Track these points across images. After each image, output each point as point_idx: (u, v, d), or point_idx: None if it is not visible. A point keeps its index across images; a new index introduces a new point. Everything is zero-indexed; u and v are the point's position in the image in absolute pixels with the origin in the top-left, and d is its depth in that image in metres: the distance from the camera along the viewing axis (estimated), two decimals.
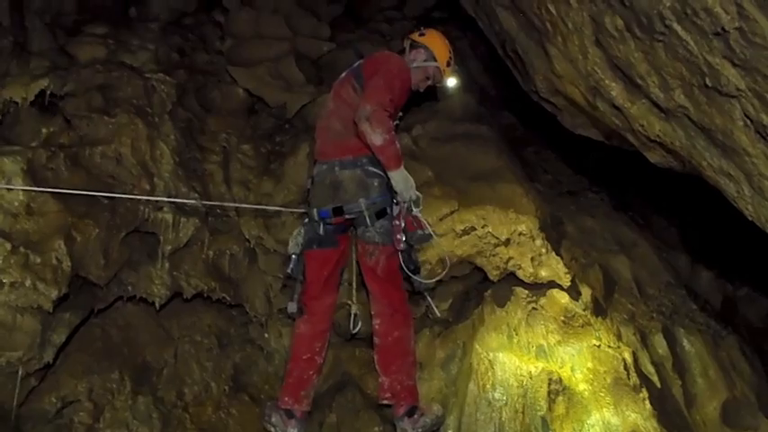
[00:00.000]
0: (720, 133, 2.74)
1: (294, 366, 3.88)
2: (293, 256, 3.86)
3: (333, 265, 3.90)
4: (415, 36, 4.14)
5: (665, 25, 2.59)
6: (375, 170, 3.66)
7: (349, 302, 4.09)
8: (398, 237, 3.58)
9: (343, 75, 4.03)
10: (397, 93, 3.70)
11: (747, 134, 2.59)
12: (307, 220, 3.90)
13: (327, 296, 3.94)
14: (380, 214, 3.62)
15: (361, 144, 3.66)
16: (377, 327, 3.77)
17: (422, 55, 4.06)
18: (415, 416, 3.67)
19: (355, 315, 4.00)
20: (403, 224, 3.59)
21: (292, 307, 3.84)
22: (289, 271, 3.88)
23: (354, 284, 4.06)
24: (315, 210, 3.74)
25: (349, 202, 3.62)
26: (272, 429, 3.86)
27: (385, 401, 3.73)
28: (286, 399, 3.81)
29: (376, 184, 3.64)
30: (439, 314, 3.95)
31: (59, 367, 4.09)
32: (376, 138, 3.48)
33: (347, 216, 3.66)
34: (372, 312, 3.81)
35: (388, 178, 3.66)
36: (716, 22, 2.28)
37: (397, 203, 3.66)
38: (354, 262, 4.03)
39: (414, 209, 3.64)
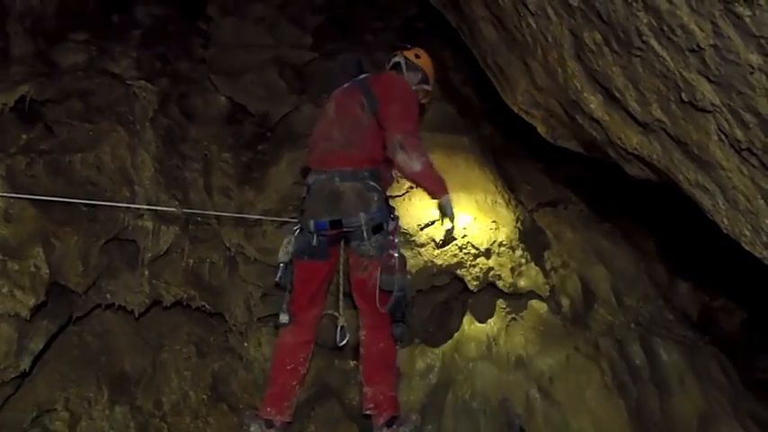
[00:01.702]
0: (696, 147, 2.77)
1: (277, 376, 3.80)
2: (281, 264, 3.84)
3: (322, 276, 3.87)
4: (411, 57, 4.15)
5: (642, 41, 2.63)
6: (374, 185, 3.65)
7: (336, 314, 4.07)
8: (391, 252, 3.59)
9: (347, 86, 3.99)
10: (416, 118, 3.77)
11: (722, 148, 2.63)
12: (297, 229, 3.84)
13: (314, 307, 3.92)
14: (377, 229, 3.61)
15: (363, 157, 3.66)
16: (363, 338, 3.77)
17: (417, 77, 4.10)
18: (394, 425, 3.67)
19: (342, 327, 3.96)
20: (395, 251, 3.60)
21: (284, 318, 3.78)
22: (277, 280, 3.85)
23: (342, 296, 4.04)
24: (311, 221, 3.67)
25: (349, 214, 3.57)
26: None
27: (368, 412, 3.72)
28: (268, 409, 3.71)
29: (375, 198, 3.61)
30: (400, 370, 3.92)
31: (36, 375, 4.05)
32: (414, 164, 3.51)
33: (345, 229, 3.64)
34: (360, 324, 3.81)
35: (386, 195, 3.69)
36: (691, 39, 2.32)
37: (393, 219, 3.67)
38: (342, 274, 4.01)
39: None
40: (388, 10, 7.46)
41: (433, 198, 3.69)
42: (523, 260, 4.65)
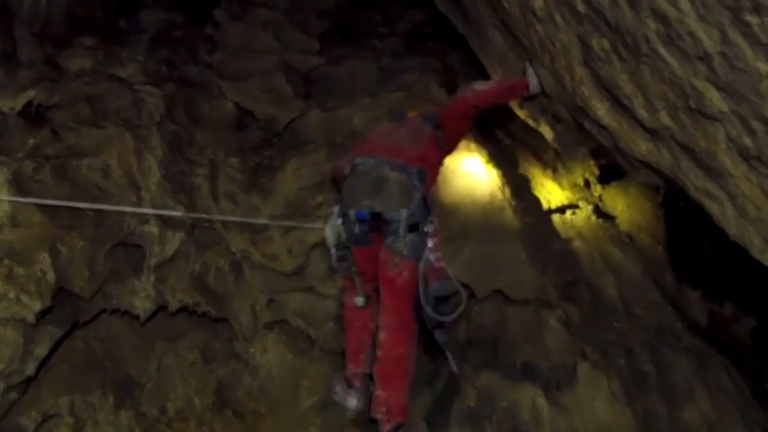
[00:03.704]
0: (704, 154, 2.76)
1: (350, 336, 4.09)
2: (331, 249, 3.89)
3: (371, 260, 3.88)
4: None
5: (650, 48, 2.62)
6: (418, 184, 3.69)
7: None
8: (439, 255, 3.63)
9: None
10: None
11: (730, 156, 2.61)
12: (339, 215, 3.85)
13: (372, 283, 3.98)
14: (413, 228, 3.62)
15: (415, 155, 3.78)
16: (382, 339, 3.73)
17: None
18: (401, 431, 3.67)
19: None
20: (440, 254, 3.64)
21: (360, 301, 3.96)
22: (332, 265, 3.96)
23: None
24: (351, 210, 3.70)
25: (389, 207, 3.61)
26: (336, 398, 4.09)
27: (377, 416, 3.70)
28: (348, 366, 4.04)
29: (417, 196, 3.65)
30: (456, 370, 4.02)
31: (41, 381, 4.04)
32: (487, 84, 4.21)
33: (384, 219, 3.64)
34: (380, 323, 3.78)
35: (425, 197, 3.72)
36: (699, 47, 2.31)
37: (432, 222, 3.67)
38: None
39: None
40: (395, 15, 7.46)
41: (523, 88, 4.15)
42: (530, 267, 4.62)
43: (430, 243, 3.63)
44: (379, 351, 3.73)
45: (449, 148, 4.32)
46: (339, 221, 3.80)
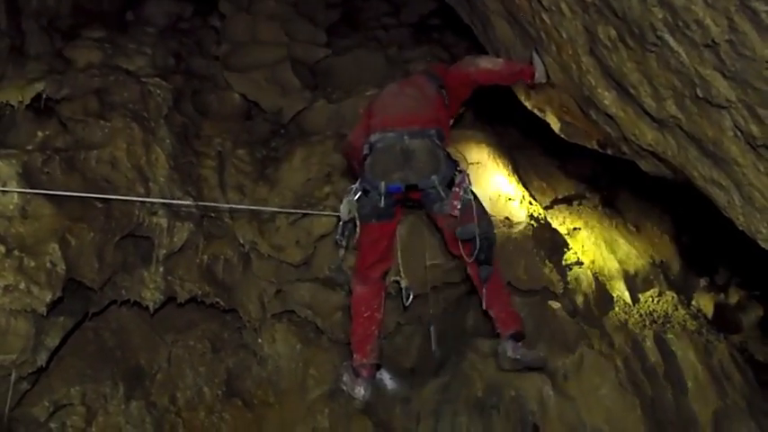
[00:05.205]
0: (711, 143, 2.75)
1: (357, 326, 4.02)
2: (342, 223, 3.83)
3: (390, 234, 3.96)
4: None
5: (657, 36, 2.61)
6: (439, 143, 3.70)
7: (398, 279, 4.10)
8: (455, 203, 3.62)
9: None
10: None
11: (737, 144, 2.60)
12: (359, 190, 3.81)
13: (384, 263, 4.01)
14: (450, 185, 3.65)
15: (429, 117, 3.79)
16: (469, 270, 3.89)
17: None
18: (520, 343, 3.76)
19: (406, 288, 4.04)
20: (459, 202, 3.65)
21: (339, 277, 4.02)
22: (337, 238, 3.89)
23: (400, 260, 4.10)
24: (382, 183, 3.66)
25: (422, 176, 3.62)
26: (344, 387, 4.04)
27: (498, 330, 3.82)
28: (356, 356, 3.97)
29: (442, 155, 3.67)
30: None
31: (52, 371, 4.09)
32: (495, 61, 4.19)
33: (420, 188, 3.66)
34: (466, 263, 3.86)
35: (447, 153, 3.73)
36: (707, 35, 2.30)
37: (460, 172, 3.71)
38: (398, 237, 4.13)
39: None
40: (403, 6, 7.45)
41: (528, 76, 3.99)
42: (537, 257, 4.63)
43: (468, 187, 3.69)
44: (475, 280, 3.87)
45: (452, 110, 4.33)
46: (356, 197, 3.80)
